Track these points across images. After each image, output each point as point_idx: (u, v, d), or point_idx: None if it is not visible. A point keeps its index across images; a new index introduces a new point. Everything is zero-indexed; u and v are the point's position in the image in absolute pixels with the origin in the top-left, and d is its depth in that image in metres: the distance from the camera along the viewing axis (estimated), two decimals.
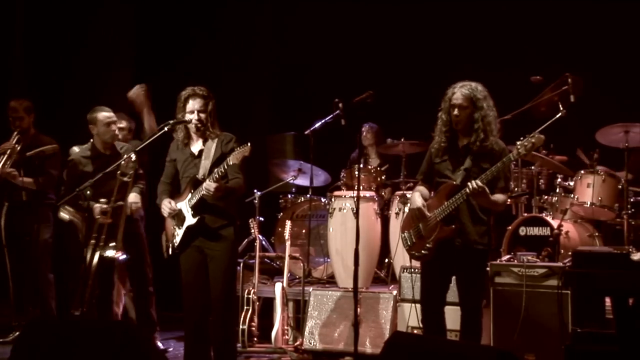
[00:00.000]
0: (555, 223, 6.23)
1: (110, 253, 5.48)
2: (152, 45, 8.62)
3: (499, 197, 4.83)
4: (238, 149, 4.89)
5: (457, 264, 4.90)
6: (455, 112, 4.83)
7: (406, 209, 5.94)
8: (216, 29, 8.97)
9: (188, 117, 5.13)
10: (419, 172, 5.21)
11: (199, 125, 5.12)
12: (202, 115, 5.13)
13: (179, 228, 5.15)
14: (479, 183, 4.66)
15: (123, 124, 6.47)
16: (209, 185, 4.91)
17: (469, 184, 4.69)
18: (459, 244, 4.83)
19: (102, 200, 5.63)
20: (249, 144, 4.89)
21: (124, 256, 5.63)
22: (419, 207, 4.92)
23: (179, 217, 5.15)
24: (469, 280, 4.90)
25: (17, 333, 6.55)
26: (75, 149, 6.26)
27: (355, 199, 5.42)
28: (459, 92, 4.84)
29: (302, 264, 6.90)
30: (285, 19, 9.20)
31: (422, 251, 4.91)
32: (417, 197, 5.00)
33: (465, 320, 4.92)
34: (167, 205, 5.16)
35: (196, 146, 5.21)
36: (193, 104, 5.13)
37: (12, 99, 6.78)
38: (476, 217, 4.86)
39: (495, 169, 4.70)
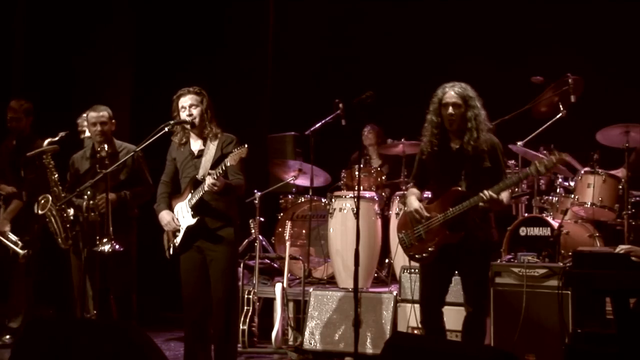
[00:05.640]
0: (555, 223, 6.23)
1: (107, 247, 5.35)
2: (153, 45, 8.62)
3: (504, 196, 4.82)
4: (235, 150, 4.88)
5: (464, 267, 4.89)
6: (450, 110, 4.80)
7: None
8: (217, 28, 8.97)
9: (182, 115, 5.14)
10: (411, 175, 5.23)
11: (193, 120, 5.12)
12: (194, 111, 5.13)
13: (180, 226, 5.16)
14: (494, 195, 4.66)
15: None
16: (210, 180, 4.90)
17: (481, 194, 4.67)
18: (466, 248, 4.81)
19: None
20: (245, 146, 4.88)
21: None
22: (417, 209, 4.90)
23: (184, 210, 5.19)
24: (477, 281, 4.92)
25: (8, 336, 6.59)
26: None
27: (356, 199, 5.41)
28: (451, 90, 4.82)
29: (302, 265, 6.89)
30: (285, 19, 9.20)
31: (423, 254, 4.90)
32: (414, 199, 4.98)
33: (470, 320, 4.92)
34: (167, 217, 5.18)
35: (196, 146, 5.22)
36: (184, 101, 5.15)
37: (14, 99, 6.79)
38: (482, 221, 4.86)
39: (510, 182, 4.75)
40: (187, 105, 5.13)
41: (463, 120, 4.81)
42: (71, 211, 5.95)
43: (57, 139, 6.17)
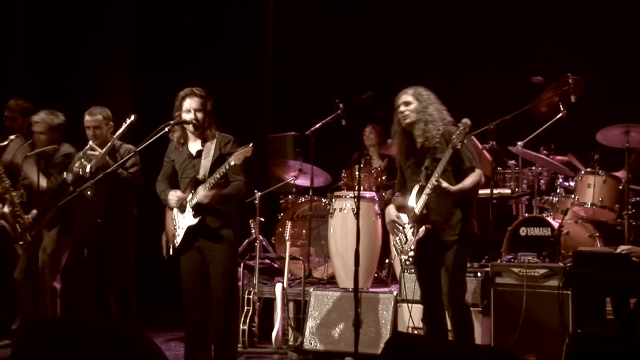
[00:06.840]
0: (555, 223, 6.23)
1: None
2: (153, 45, 8.62)
3: (466, 181, 4.84)
4: (240, 149, 4.88)
5: (441, 262, 4.92)
6: (401, 108, 4.95)
7: None
8: (217, 28, 8.97)
9: (184, 116, 5.13)
10: (395, 183, 5.31)
11: (196, 124, 5.12)
12: (199, 115, 5.12)
13: (180, 227, 5.15)
14: (433, 181, 4.72)
15: None
16: (202, 196, 4.93)
17: (428, 184, 4.76)
18: (434, 241, 4.86)
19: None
20: (251, 145, 4.87)
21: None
22: (392, 219, 5.02)
23: (182, 207, 5.14)
24: (449, 274, 4.91)
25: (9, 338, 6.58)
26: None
27: (356, 199, 5.41)
28: (403, 93, 5.01)
29: (302, 265, 6.89)
30: (286, 19, 9.21)
31: (408, 255, 4.94)
32: (391, 208, 5.09)
33: (452, 315, 4.95)
34: (174, 195, 5.13)
35: (194, 146, 5.21)
36: (190, 103, 5.13)
37: (13, 98, 6.78)
38: (446, 212, 4.90)
39: (443, 162, 4.74)
40: (193, 108, 5.11)
41: (416, 116, 4.92)
42: (29, 217, 6.00)
43: (6, 143, 6.22)
